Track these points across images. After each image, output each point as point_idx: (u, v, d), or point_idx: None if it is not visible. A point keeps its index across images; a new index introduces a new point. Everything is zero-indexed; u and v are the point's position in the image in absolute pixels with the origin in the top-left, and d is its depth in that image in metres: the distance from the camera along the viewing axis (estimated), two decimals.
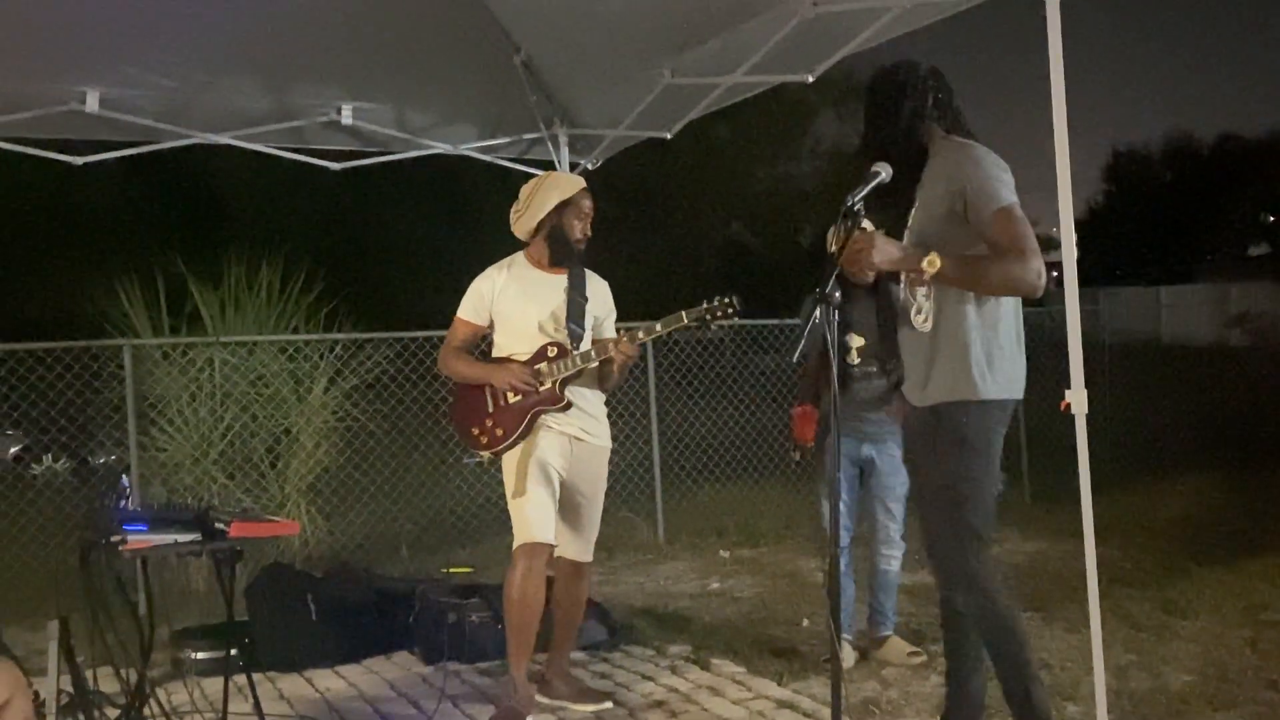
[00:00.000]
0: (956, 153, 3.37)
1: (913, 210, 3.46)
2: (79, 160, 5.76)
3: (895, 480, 5.03)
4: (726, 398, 10.05)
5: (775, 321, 9.54)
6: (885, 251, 3.28)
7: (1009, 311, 3.40)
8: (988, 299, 3.33)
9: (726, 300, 4.22)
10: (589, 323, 4.50)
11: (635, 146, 6.56)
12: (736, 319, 4.24)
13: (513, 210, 4.51)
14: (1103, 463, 3.69)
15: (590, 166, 6.52)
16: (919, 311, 3.40)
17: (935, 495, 3.45)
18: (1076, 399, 3.39)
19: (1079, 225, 3.69)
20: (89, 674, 4.07)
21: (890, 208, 3.51)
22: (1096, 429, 3.62)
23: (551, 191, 4.46)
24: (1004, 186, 3.28)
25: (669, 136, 6.06)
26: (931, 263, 3.21)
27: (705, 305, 4.24)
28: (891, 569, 5.14)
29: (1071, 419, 3.46)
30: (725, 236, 31.26)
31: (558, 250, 4.47)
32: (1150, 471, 10.13)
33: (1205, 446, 11.17)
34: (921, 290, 3.39)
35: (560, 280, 4.50)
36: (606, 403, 4.66)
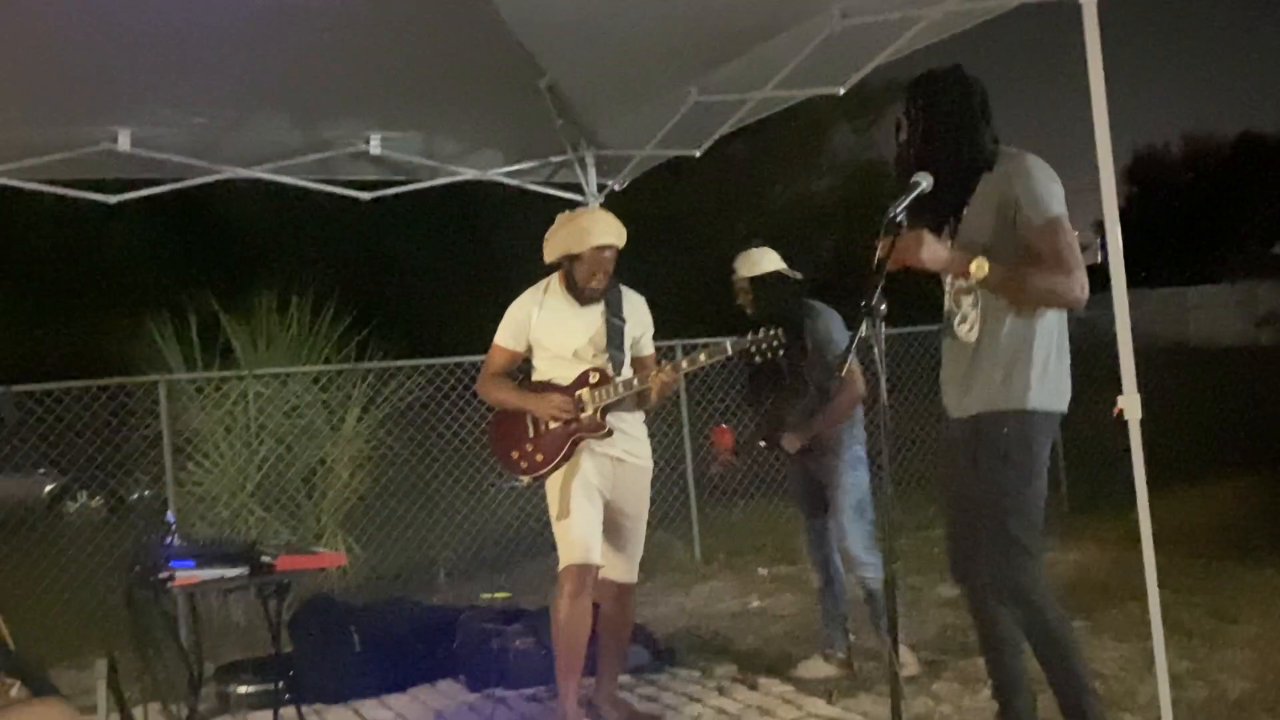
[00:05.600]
0: (1012, 161, 3.34)
1: (960, 219, 3.41)
2: (113, 199, 5.79)
3: (838, 494, 5.02)
4: (755, 413, 9.98)
5: None
6: (933, 251, 3.25)
7: (1054, 322, 3.35)
8: (1033, 309, 3.30)
9: (772, 333, 4.22)
10: (628, 345, 4.49)
11: (652, 165, 6.56)
12: (781, 354, 4.23)
13: (548, 232, 4.51)
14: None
15: (617, 188, 6.51)
16: (963, 320, 3.38)
17: (978, 508, 3.38)
18: (1129, 404, 3.34)
19: (1102, 227, 3.64)
20: (138, 711, 4.07)
21: (931, 216, 3.46)
22: (1129, 434, 3.57)
23: (570, 239, 4.38)
24: (1055, 199, 3.27)
25: (698, 154, 6.04)
26: (980, 267, 3.19)
27: (750, 338, 4.25)
28: (873, 589, 5.02)
29: (1108, 426, 3.44)
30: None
31: (571, 289, 4.46)
32: (1186, 475, 9.99)
33: (1241, 448, 11.03)
34: (968, 299, 3.36)
35: (596, 304, 4.48)
36: None
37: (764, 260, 5.16)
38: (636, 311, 4.58)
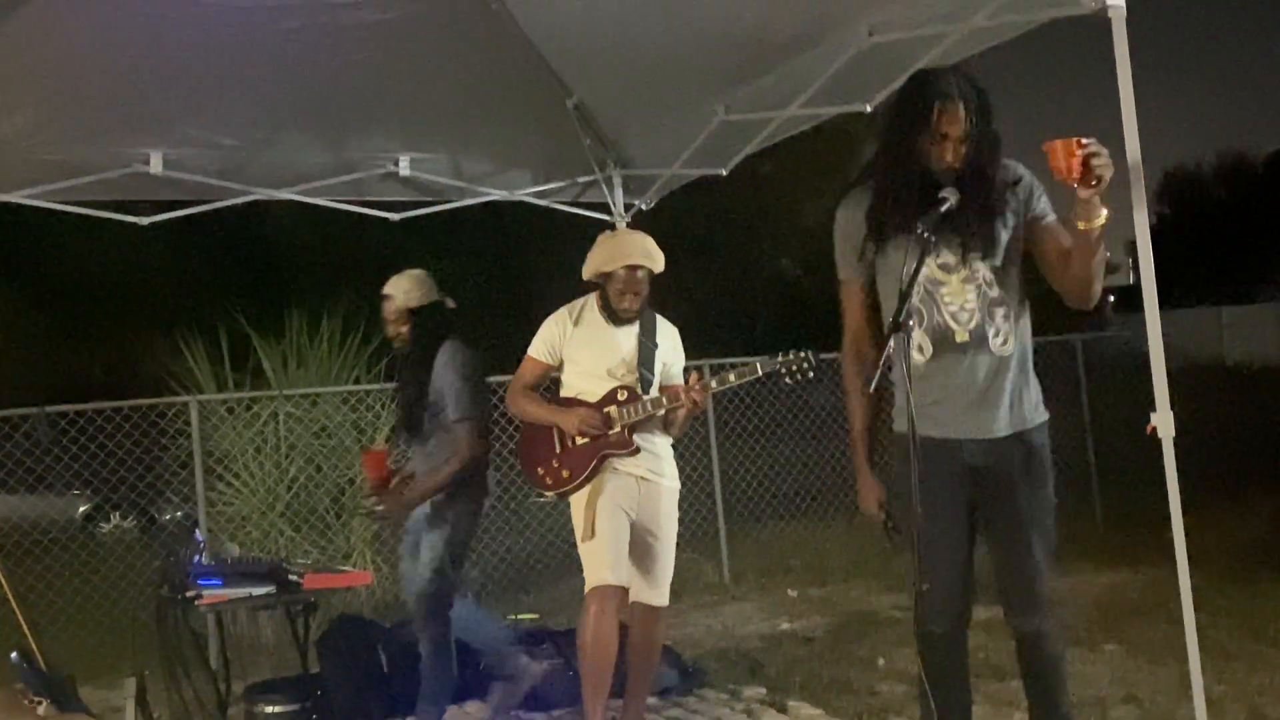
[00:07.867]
0: (1018, 168, 3.27)
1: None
2: (144, 221, 5.84)
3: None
4: (783, 433, 9.94)
5: (831, 355, 9.39)
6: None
7: None
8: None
9: (802, 355, 4.23)
10: (658, 368, 4.49)
11: (679, 184, 6.54)
12: (811, 376, 4.20)
13: (590, 251, 4.52)
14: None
15: (645, 207, 6.50)
16: (997, 334, 3.18)
17: (1029, 525, 3.24)
18: (1162, 421, 3.29)
19: (1133, 247, 3.57)
20: None
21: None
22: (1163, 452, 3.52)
23: (604, 258, 4.43)
24: None
25: (724, 173, 6.02)
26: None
27: (780, 359, 4.25)
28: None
29: (1141, 444, 3.40)
30: (773, 271, 31.14)
31: (606, 309, 4.48)
32: (1222, 494, 9.83)
33: (1278, 466, 10.86)
34: (1000, 310, 3.18)
35: (631, 325, 4.48)
36: None
37: (421, 288, 4.85)
38: (669, 338, 4.59)
